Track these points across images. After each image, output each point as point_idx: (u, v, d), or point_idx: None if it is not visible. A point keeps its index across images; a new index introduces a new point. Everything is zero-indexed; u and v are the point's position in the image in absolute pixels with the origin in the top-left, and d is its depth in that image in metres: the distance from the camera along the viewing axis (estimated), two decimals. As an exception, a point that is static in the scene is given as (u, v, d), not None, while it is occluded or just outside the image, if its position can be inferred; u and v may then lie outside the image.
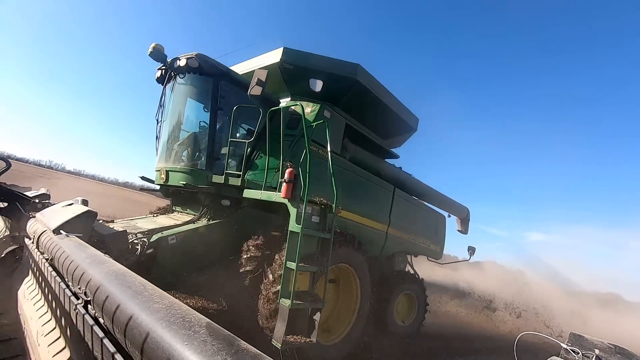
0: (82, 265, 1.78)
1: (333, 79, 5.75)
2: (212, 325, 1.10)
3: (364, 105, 6.34)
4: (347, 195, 5.49)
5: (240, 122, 5.86)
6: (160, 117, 5.84)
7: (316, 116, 5.29)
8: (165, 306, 1.21)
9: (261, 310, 4.12)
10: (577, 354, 2.66)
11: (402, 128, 7.49)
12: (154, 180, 5.83)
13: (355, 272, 5.12)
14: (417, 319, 7.22)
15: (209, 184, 5.19)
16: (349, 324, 5.06)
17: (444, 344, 8.02)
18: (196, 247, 4.83)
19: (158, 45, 5.26)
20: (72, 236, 2.50)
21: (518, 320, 12.46)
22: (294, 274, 3.70)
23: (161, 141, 5.84)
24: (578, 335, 2.94)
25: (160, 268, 4.37)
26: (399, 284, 6.69)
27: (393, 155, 7.81)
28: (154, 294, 1.33)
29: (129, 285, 1.41)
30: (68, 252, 2.10)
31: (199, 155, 5.48)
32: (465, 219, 10.11)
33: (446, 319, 10.86)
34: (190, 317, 1.14)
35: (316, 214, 4.17)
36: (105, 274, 1.57)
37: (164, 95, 5.76)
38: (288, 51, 5.66)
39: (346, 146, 6.12)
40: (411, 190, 7.84)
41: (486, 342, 8.90)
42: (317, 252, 4.14)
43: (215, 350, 0.94)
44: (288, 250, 3.84)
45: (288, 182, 3.95)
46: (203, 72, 5.33)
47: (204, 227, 5.03)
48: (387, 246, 6.79)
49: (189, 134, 5.70)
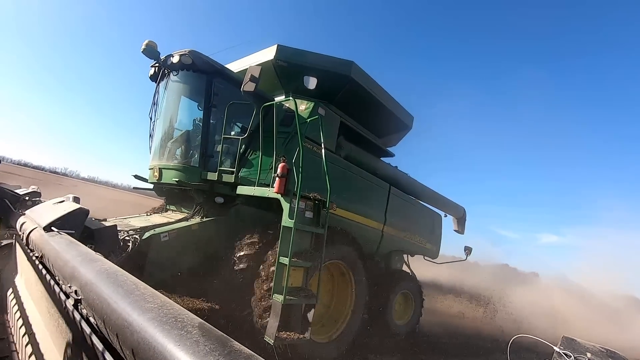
0: (73, 263, 1.76)
1: (327, 77, 5.75)
2: (204, 326, 1.08)
3: (358, 103, 6.34)
4: (342, 193, 5.49)
5: (234, 119, 5.84)
6: (153, 114, 5.80)
7: (310, 114, 5.28)
8: (157, 306, 1.20)
9: (254, 306, 4.12)
10: (570, 357, 2.68)
11: (397, 126, 7.50)
12: (148, 179, 5.79)
13: (350, 270, 5.13)
14: (414, 318, 7.29)
15: (203, 181, 5.16)
16: (344, 322, 5.07)
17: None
18: (189, 244, 4.80)
19: (151, 42, 5.20)
20: (63, 234, 2.46)
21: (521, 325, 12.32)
22: (287, 269, 3.70)
23: (155, 139, 5.79)
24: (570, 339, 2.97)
25: (152, 265, 4.34)
26: (396, 283, 6.73)
27: (388, 154, 7.83)
28: (145, 293, 1.32)
29: (120, 284, 1.39)
30: (59, 249, 2.07)
31: (192, 152, 5.45)
32: (461, 218, 10.16)
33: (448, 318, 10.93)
34: (182, 317, 1.13)
35: (309, 209, 4.18)
36: (96, 273, 1.55)
37: (157, 93, 5.71)
38: (282, 48, 5.63)
39: (341, 144, 6.11)
40: (407, 189, 7.87)
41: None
42: (310, 247, 4.14)
43: (207, 351, 0.93)
44: (281, 245, 3.84)
45: (281, 176, 3.96)
46: (196, 69, 5.29)
47: (197, 225, 5.00)
48: (382, 245, 6.81)
49: (183, 132, 5.67)
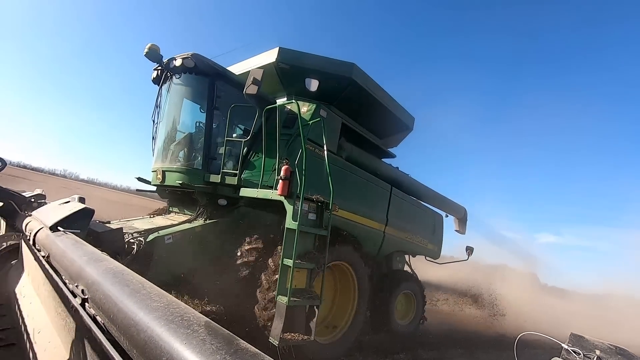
0: (80, 262, 1.77)
1: (328, 78, 5.76)
2: (211, 324, 1.09)
3: (359, 105, 6.36)
4: (344, 194, 5.50)
5: (237, 122, 5.87)
6: (156, 117, 5.83)
7: (312, 115, 5.30)
8: (163, 305, 1.21)
9: (259, 307, 4.13)
10: (579, 354, 2.67)
11: (398, 127, 7.51)
12: (151, 181, 5.82)
13: (353, 271, 5.14)
14: (417, 317, 7.29)
15: (206, 183, 5.19)
16: (347, 323, 5.08)
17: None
18: (193, 246, 4.82)
19: (154, 45, 5.24)
20: (69, 233, 2.48)
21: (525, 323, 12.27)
22: (291, 271, 3.72)
23: (157, 142, 5.83)
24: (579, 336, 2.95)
25: (156, 268, 4.36)
26: (398, 283, 6.73)
27: (390, 155, 7.83)
28: (152, 292, 1.33)
29: (127, 284, 1.41)
30: (65, 249, 2.09)
31: (195, 155, 5.47)
32: (462, 218, 10.15)
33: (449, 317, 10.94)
34: (188, 315, 1.14)
35: (312, 211, 4.19)
36: (103, 272, 1.56)
37: (160, 96, 5.75)
38: (284, 51, 5.66)
39: (342, 145, 6.13)
40: (408, 189, 7.87)
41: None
42: (314, 249, 4.16)
43: (214, 349, 0.94)
44: (285, 247, 3.86)
45: (284, 179, 3.98)
46: (199, 72, 5.32)
47: (200, 227, 5.02)
48: (384, 245, 6.81)
49: (186, 134, 5.70)
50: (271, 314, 3.89)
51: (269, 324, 3.85)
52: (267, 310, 3.99)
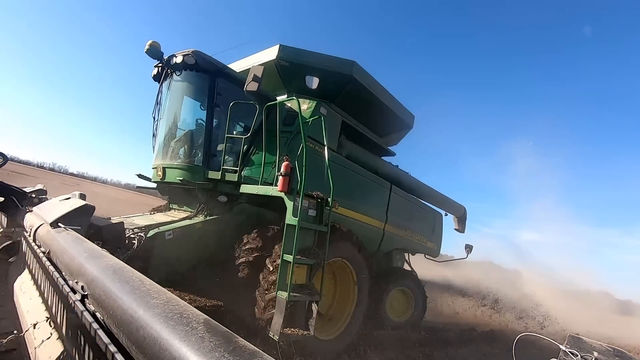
0: (80, 259, 1.78)
1: (329, 76, 5.76)
2: (209, 322, 1.10)
3: (360, 102, 6.36)
4: (344, 192, 5.50)
5: (237, 119, 5.86)
6: (157, 114, 5.83)
7: (312, 113, 5.30)
8: (163, 302, 1.22)
9: (259, 303, 4.15)
10: (576, 356, 2.66)
11: (398, 125, 7.52)
12: (151, 178, 5.83)
13: (353, 268, 5.15)
14: (416, 313, 7.30)
15: (206, 180, 5.19)
16: (346, 319, 5.10)
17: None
18: (193, 242, 4.83)
19: (154, 42, 5.23)
20: (70, 229, 2.49)
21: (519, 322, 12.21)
22: (291, 266, 3.73)
23: (158, 139, 5.83)
24: (577, 337, 2.95)
25: (157, 263, 4.38)
26: (391, 280, 6.76)
27: (390, 153, 7.84)
28: (151, 289, 1.34)
29: (126, 280, 1.42)
30: (65, 245, 2.10)
31: (195, 151, 5.47)
32: (462, 217, 10.17)
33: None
34: (188, 313, 1.15)
35: (312, 207, 4.20)
36: (102, 268, 1.57)
37: (160, 93, 5.74)
38: (284, 48, 5.66)
39: (343, 143, 6.13)
40: (408, 188, 7.88)
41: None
42: (314, 245, 4.18)
43: (212, 347, 0.94)
44: (285, 243, 3.87)
45: (284, 175, 3.98)
46: (199, 69, 5.30)
47: (201, 223, 5.03)
48: (384, 243, 6.83)
49: (186, 131, 5.69)
50: (270, 314, 3.91)
51: (268, 326, 3.87)
52: (266, 310, 4.00)
